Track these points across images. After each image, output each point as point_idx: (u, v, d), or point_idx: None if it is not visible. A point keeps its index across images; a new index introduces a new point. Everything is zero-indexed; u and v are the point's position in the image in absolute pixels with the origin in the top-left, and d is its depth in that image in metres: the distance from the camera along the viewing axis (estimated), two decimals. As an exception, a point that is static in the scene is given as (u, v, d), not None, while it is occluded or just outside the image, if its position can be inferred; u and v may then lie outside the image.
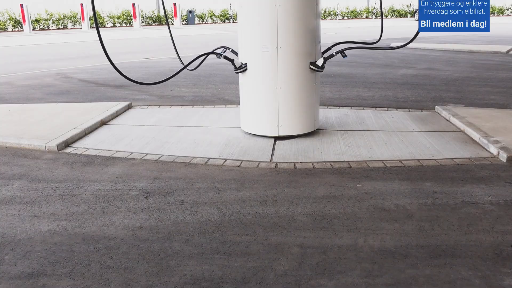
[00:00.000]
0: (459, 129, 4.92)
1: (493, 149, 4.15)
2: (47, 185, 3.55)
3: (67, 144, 4.54)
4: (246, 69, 4.62)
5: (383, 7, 34.68)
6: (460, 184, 3.47)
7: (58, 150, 4.40)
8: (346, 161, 4.02)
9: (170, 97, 6.88)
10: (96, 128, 5.11)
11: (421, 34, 4.53)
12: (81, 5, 23.85)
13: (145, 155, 4.22)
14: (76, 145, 4.57)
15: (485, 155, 4.13)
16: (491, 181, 3.51)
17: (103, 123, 5.31)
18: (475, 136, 4.54)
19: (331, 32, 21.06)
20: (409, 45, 4.86)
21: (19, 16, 23.14)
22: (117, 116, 5.67)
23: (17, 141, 4.55)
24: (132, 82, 6.00)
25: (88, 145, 4.55)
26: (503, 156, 3.97)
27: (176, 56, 7.32)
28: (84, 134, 4.86)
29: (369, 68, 9.69)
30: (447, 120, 5.31)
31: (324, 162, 4.01)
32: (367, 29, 22.77)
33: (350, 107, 6.07)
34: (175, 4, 27.13)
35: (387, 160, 4.02)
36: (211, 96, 6.94)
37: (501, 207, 3.07)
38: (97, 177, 3.70)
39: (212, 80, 8.37)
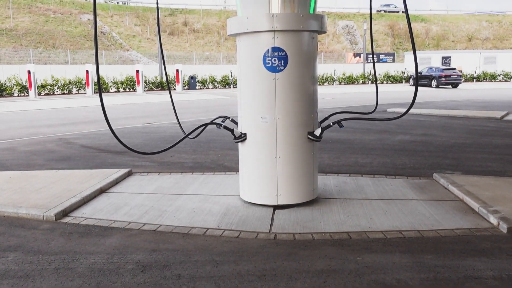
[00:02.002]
0: (458, 198, 4.92)
1: (493, 220, 4.13)
2: (43, 257, 3.50)
3: (65, 213, 4.52)
4: (246, 139, 4.71)
5: (378, 73, 35.66)
6: (461, 257, 3.42)
7: (56, 220, 4.37)
8: (345, 232, 3.98)
9: (170, 164, 6.94)
10: (95, 196, 5.11)
11: (416, 99, 4.66)
12: (87, 71, 24.62)
13: (143, 225, 4.20)
14: (74, 214, 4.55)
15: (485, 225, 4.10)
16: (492, 254, 3.47)
17: (102, 190, 5.32)
18: (474, 205, 4.53)
19: (329, 97, 21.60)
20: (405, 109, 4.98)
21: (25, 82, 23.82)
22: (116, 183, 5.69)
23: (15, 210, 4.54)
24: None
25: (86, 214, 4.53)
26: (504, 227, 3.95)
27: (177, 121, 7.46)
28: (83, 203, 4.86)
29: (367, 133, 9.85)
30: (446, 188, 5.33)
31: (324, 233, 3.98)
32: (364, 95, 23.38)
33: (348, 174, 6.10)
34: (177, 70, 28.02)
35: (387, 231, 3.99)
36: (210, 163, 7.00)
37: (504, 283, 3.01)
38: (93, 249, 3.65)
39: (212, 146, 8.48)
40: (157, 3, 6.68)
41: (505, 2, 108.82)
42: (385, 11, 59.54)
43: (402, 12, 59.49)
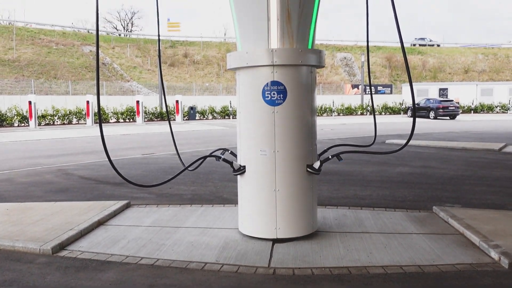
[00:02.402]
0: (458, 232, 4.89)
1: (494, 254, 4.09)
2: (38, 292, 3.45)
3: (62, 246, 4.47)
4: (245, 171, 4.71)
5: (376, 104, 35.91)
6: (463, 293, 3.38)
7: (53, 253, 4.32)
8: (345, 267, 3.94)
9: (169, 195, 6.92)
10: (93, 229, 5.07)
11: (414, 131, 4.69)
12: (87, 102, 24.84)
13: (140, 259, 4.15)
14: (71, 247, 4.51)
15: (486, 260, 4.06)
16: (494, 290, 3.42)
17: (100, 223, 5.28)
18: (475, 239, 4.50)
19: (328, 128, 21.72)
20: (403, 141, 5.01)
21: (26, 112, 23.98)
22: (114, 215, 5.65)
23: (11, 244, 4.49)
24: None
25: (84, 248, 4.48)
26: (505, 262, 3.91)
27: (176, 153, 7.47)
28: (80, 236, 4.81)
29: (366, 165, 9.86)
30: (446, 221, 5.30)
31: (323, 267, 3.93)
32: (362, 126, 23.52)
33: (348, 207, 6.08)
34: (177, 101, 28.28)
35: (387, 266, 3.94)
36: (209, 195, 6.97)
37: (508, 320, 2.96)
38: (90, 284, 3.60)
39: (211, 177, 8.47)
40: (159, 36, 6.81)
41: (500, 36, 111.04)
42: (420, 45, 60.78)
43: (438, 45, 60.77)
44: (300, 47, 4.54)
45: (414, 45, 61.03)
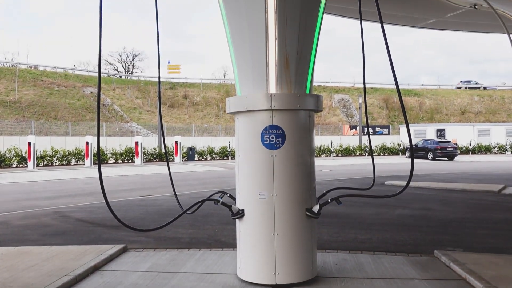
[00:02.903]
0: (461, 277, 4.80)
1: (498, 301, 4.00)
2: None
3: (56, 293, 4.37)
4: (243, 215, 4.68)
5: (374, 145, 36.00)
6: None
7: (46, 300, 4.21)
8: (346, 315, 3.84)
9: (167, 239, 6.82)
10: (88, 275, 4.97)
11: (413, 172, 4.69)
12: (87, 143, 24.92)
13: (136, 307, 4.04)
14: (65, 294, 4.40)
15: (490, 307, 3.97)
16: None
17: (96, 268, 5.18)
18: (478, 285, 4.41)
19: (327, 169, 21.71)
20: (402, 182, 4.99)
21: (25, 153, 24.02)
22: (111, 260, 5.55)
23: (4, 290, 4.39)
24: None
25: (78, 294, 4.37)
26: (510, 310, 3.82)
27: (174, 195, 7.42)
28: (75, 282, 4.71)
29: (365, 207, 9.79)
30: (447, 266, 5.21)
31: (324, 315, 3.83)
32: (361, 167, 23.53)
33: (348, 251, 5.99)
34: (176, 142, 28.39)
35: (389, 314, 3.84)
36: (207, 238, 6.88)
37: None
38: (83, 333, 3.49)
39: (210, 220, 8.39)
40: (159, 78, 6.93)
41: (494, 78, 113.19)
42: (465, 88, 61.65)
43: (484, 88, 61.59)
44: (298, 92, 4.62)
45: (459, 88, 61.92)
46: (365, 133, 40.35)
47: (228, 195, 5.45)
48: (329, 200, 4.89)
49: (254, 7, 4.45)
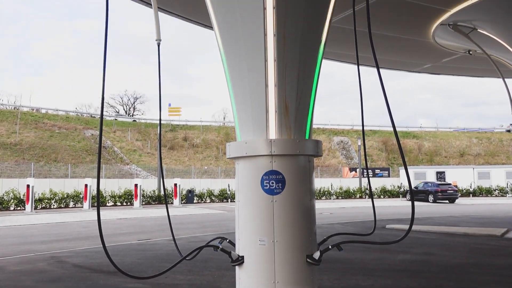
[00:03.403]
0: (467, 327, 4.67)
1: None
2: None
3: None
4: (243, 262, 4.60)
5: (374, 187, 35.85)
6: None
7: None
8: None
9: (164, 286, 6.68)
10: (83, 324, 4.83)
11: (414, 215, 4.65)
12: (86, 185, 24.84)
13: None
14: None
15: None
16: None
17: (91, 317, 5.04)
18: (484, 336, 4.28)
19: (327, 212, 21.53)
20: (404, 226, 4.93)
21: (23, 195, 23.87)
22: (107, 308, 5.41)
23: None
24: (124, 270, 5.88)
25: None
26: None
27: (173, 240, 7.32)
28: (69, 331, 4.57)
29: (367, 252, 9.64)
30: (453, 315, 5.08)
31: None
32: (361, 209, 23.36)
33: (350, 299, 5.86)
34: (175, 184, 28.30)
35: None
36: (206, 285, 6.74)
37: None
38: None
39: (209, 265, 8.24)
40: (160, 120, 7.01)
41: (491, 120, 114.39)
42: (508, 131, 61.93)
43: None
44: (298, 137, 4.66)
45: (509, 131, 61.98)
46: (365, 176, 40.30)
47: (227, 240, 5.37)
48: (330, 247, 4.83)
49: (254, 56, 4.57)
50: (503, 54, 12.87)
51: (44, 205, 25.15)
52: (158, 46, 6.28)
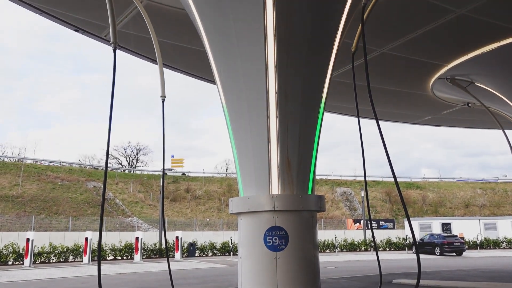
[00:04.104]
0: None
1: None
2: None
3: None
4: (246, 322, 4.47)
5: (379, 239, 35.20)
6: None
7: None
8: None
9: None
10: None
11: (422, 269, 4.56)
12: (86, 239, 24.47)
13: None
14: None
15: None
16: None
17: None
18: None
19: (331, 266, 21.05)
20: (411, 280, 4.81)
21: (22, 249, 23.49)
22: None
23: None
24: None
25: None
26: None
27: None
28: None
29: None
30: None
31: None
32: (366, 263, 22.83)
33: None
34: (177, 237, 27.87)
35: None
36: None
37: None
38: None
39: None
40: (163, 173, 7.03)
41: (494, 170, 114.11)
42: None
43: None
44: (301, 192, 4.67)
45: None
46: (369, 227, 39.70)
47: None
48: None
49: (257, 112, 4.67)
50: (501, 107, 13.07)
51: (43, 259, 24.68)
52: (163, 102, 6.44)
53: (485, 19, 8.12)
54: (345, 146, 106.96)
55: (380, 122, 4.92)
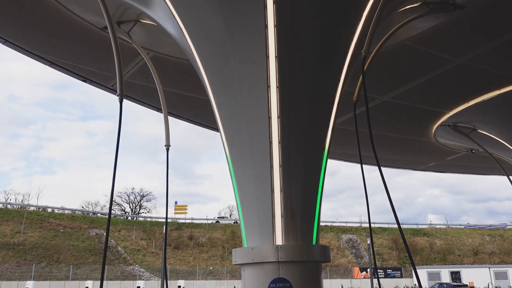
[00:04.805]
0: None
1: None
2: None
3: None
4: None
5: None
6: None
7: None
8: None
9: None
10: None
11: None
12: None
13: None
14: None
15: None
16: None
17: None
18: None
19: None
20: None
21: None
22: None
23: None
24: None
25: None
26: None
27: None
28: None
29: None
30: None
31: None
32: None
33: None
34: (179, 287, 27.27)
35: None
36: None
37: None
38: None
39: None
40: (166, 220, 6.95)
41: (502, 216, 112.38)
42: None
43: None
44: (305, 243, 4.60)
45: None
46: (375, 276, 38.66)
47: None
48: None
49: (260, 162, 4.68)
50: (505, 153, 13.03)
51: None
52: (167, 151, 6.48)
53: (484, 68, 8.27)
54: (351, 192, 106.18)
55: (383, 168, 4.93)
